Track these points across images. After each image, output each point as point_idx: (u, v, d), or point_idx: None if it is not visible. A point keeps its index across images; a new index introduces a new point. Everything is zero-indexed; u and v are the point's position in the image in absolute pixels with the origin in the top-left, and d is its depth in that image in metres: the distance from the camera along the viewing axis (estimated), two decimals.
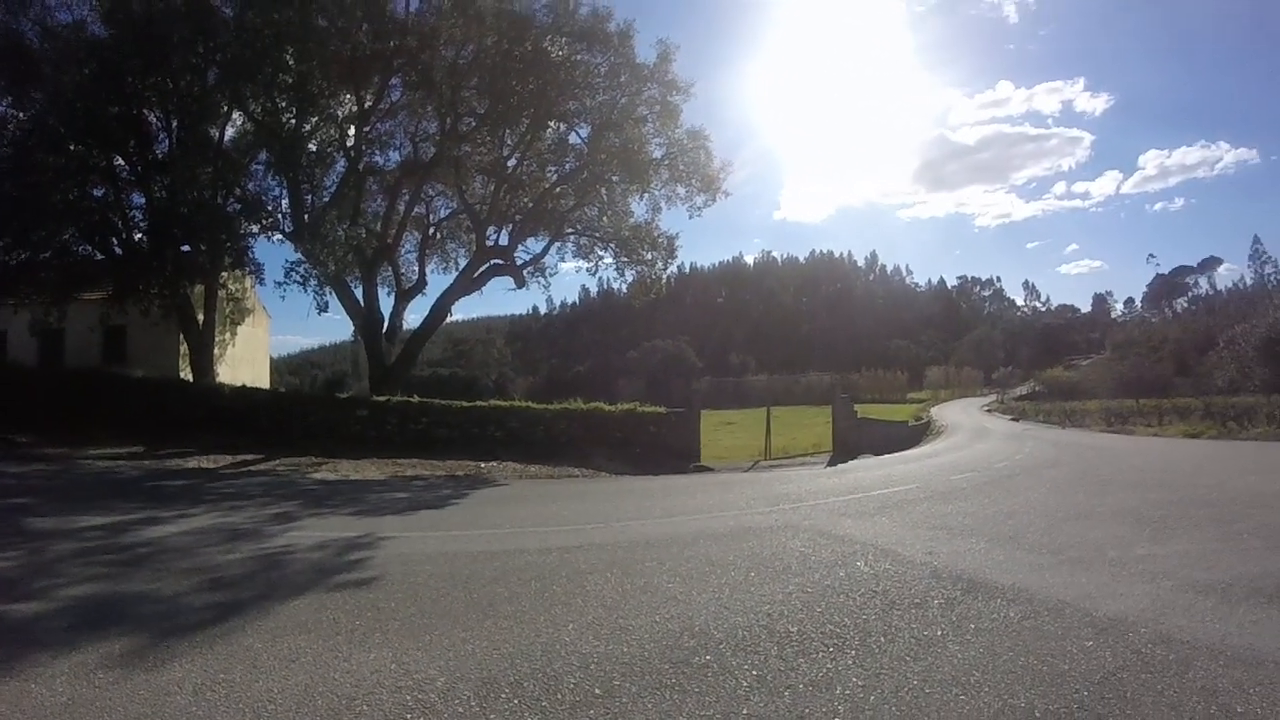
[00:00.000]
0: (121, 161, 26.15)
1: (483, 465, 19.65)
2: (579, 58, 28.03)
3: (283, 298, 25.76)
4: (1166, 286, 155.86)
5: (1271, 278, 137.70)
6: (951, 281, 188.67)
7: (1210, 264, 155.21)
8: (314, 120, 26.19)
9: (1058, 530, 8.92)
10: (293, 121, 25.55)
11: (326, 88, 25.31)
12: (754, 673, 4.28)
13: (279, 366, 69.25)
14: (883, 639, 4.92)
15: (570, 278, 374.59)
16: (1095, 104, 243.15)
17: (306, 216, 25.70)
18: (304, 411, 24.15)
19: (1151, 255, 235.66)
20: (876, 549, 7.86)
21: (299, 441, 21.23)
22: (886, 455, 25.46)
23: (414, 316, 33.29)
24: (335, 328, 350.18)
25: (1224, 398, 43.32)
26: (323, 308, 26.40)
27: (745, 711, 3.75)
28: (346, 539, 8.58)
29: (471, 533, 9.41)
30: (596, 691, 3.98)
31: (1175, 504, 10.83)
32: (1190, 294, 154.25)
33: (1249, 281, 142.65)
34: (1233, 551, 7.54)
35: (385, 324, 29.25)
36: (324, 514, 10.98)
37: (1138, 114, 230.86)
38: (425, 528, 9.93)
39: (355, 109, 27.38)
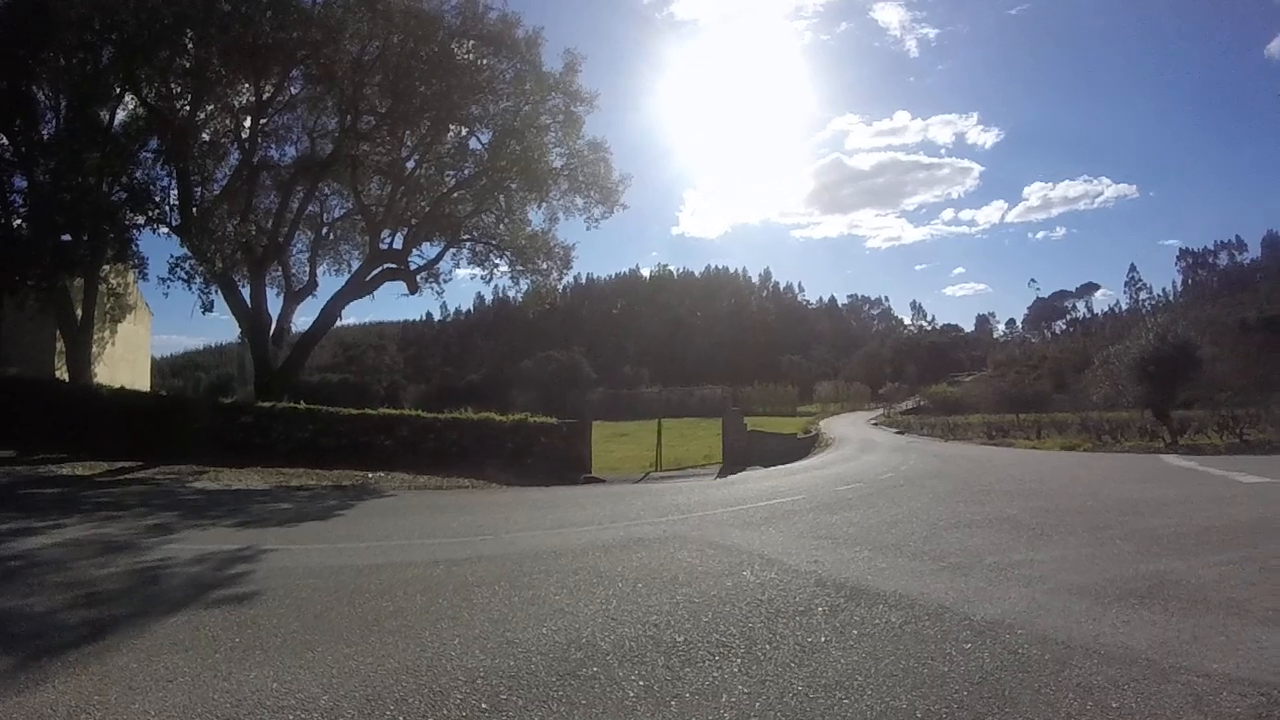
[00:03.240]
0: (6, 141, 24.68)
1: (370, 475, 19.23)
2: (485, 62, 27.93)
3: (166, 294, 25.04)
4: (1046, 309, 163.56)
5: (1146, 303, 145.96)
6: (842, 300, 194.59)
7: (1088, 289, 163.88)
8: (209, 109, 25.37)
9: (939, 538, 9.20)
10: (187, 109, 24.67)
11: (225, 75, 24.55)
12: (641, 683, 4.34)
13: (161, 367, 66.85)
14: (768, 647, 5.03)
15: (465, 285, 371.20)
16: (986, 137, 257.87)
17: (195, 210, 24.80)
18: (186, 416, 22.97)
19: (1033, 280, 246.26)
20: (763, 559, 7.99)
21: (180, 448, 20.32)
22: (776, 467, 25.84)
23: (303, 319, 32.61)
24: (221, 328, 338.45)
25: (1099, 413, 45.31)
26: (208, 307, 25.64)
27: None
28: (227, 552, 8.33)
29: (357, 545, 9.24)
30: (483, 706, 3.99)
31: (1051, 512, 11.27)
32: (1068, 317, 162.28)
33: (1124, 306, 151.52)
34: (1106, 556, 7.90)
35: (273, 326, 28.32)
36: (204, 525, 10.61)
37: (1026, 148, 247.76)
38: (309, 540, 9.70)
39: (253, 100, 26.51)
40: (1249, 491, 13.86)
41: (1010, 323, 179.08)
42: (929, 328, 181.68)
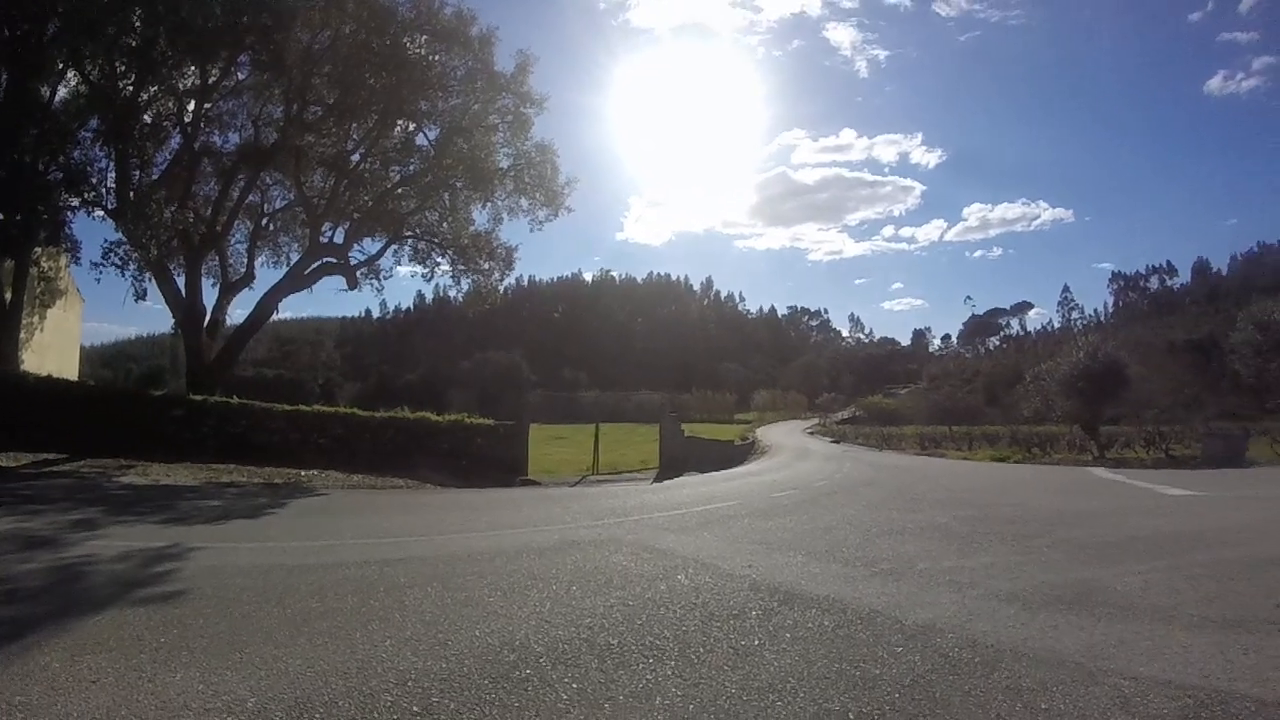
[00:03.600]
0: None
1: (303, 474, 18.98)
2: (437, 58, 27.55)
3: (99, 280, 24.14)
4: (981, 326, 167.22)
5: (1078, 322, 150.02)
6: (782, 310, 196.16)
7: (1022, 308, 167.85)
8: (153, 90, 24.54)
9: (872, 544, 9.31)
10: (130, 89, 23.82)
11: (171, 57, 23.67)
12: (574, 685, 4.33)
13: (90, 356, 65.02)
14: (701, 650, 5.05)
15: (405, 282, 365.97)
16: (929, 158, 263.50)
17: (132, 194, 23.88)
18: (115, 408, 22.21)
19: (969, 297, 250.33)
20: (698, 563, 8.04)
21: (108, 441, 19.78)
22: (712, 473, 25.97)
23: (239, 312, 31.83)
24: (154, 318, 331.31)
25: (1029, 426, 46.29)
26: (141, 295, 24.95)
27: None
28: (153, 549, 8.16)
29: (288, 544, 9.12)
30: (414, 709, 3.94)
31: (981, 521, 11.49)
32: (1002, 334, 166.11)
33: (1057, 325, 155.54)
34: (1034, 564, 8.08)
35: (207, 317, 27.52)
36: (130, 521, 10.41)
37: (967, 170, 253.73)
38: (238, 539, 9.54)
39: (198, 83, 25.64)
40: (1174, 504, 14.31)
41: (946, 338, 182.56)
42: (866, 340, 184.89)
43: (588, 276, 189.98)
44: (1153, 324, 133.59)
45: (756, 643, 5.24)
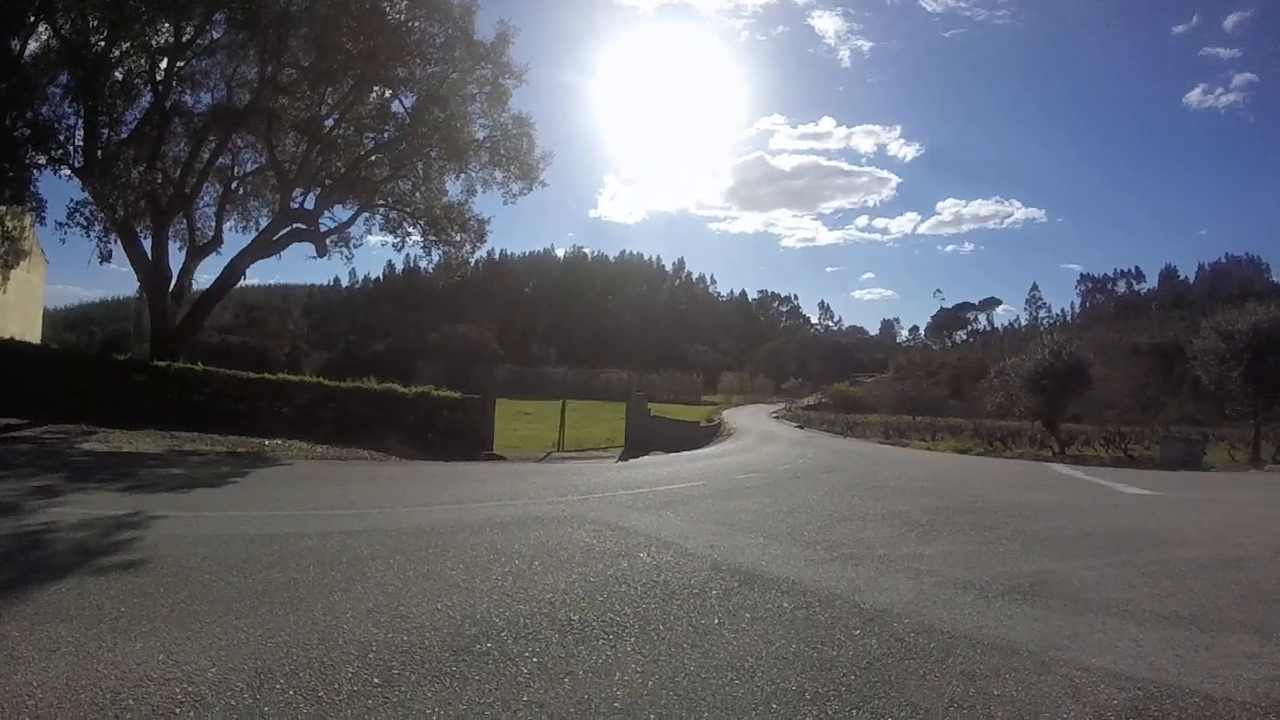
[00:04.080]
0: None
1: (267, 443, 18.80)
2: (416, 24, 27.13)
3: (64, 241, 23.68)
4: (949, 319, 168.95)
5: (1044, 321, 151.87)
6: (753, 295, 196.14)
7: (990, 304, 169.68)
8: (125, 46, 23.82)
9: (832, 529, 9.44)
10: (102, 44, 23.18)
11: (145, 12, 23.05)
12: (535, 660, 4.37)
13: (54, 319, 63.83)
14: (661, 627, 5.12)
15: (375, 252, 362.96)
16: (907, 151, 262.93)
17: (100, 153, 23.34)
18: (78, 373, 21.77)
19: (938, 290, 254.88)
20: (660, 541, 8.12)
21: (69, 406, 19.32)
22: (677, 453, 26.13)
23: (205, 277, 31.38)
24: (120, 281, 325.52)
25: (992, 420, 46.96)
26: (106, 257, 24.51)
27: (525, 698, 3.82)
28: (114, 517, 8.05)
29: (249, 514, 9.06)
30: (375, 681, 3.95)
31: (941, 510, 11.65)
32: (970, 328, 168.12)
33: (1024, 322, 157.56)
34: (991, 554, 8.21)
35: (173, 281, 26.90)
36: (91, 489, 10.27)
37: (943, 165, 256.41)
38: (200, 507, 9.44)
39: (172, 40, 24.88)
40: (1130, 502, 14.59)
41: (914, 329, 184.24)
42: (835, 328, 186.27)
43: (560, 253, 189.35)
44: (1118, 327, 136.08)
45: (716, 622, 5.31)
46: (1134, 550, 8.72)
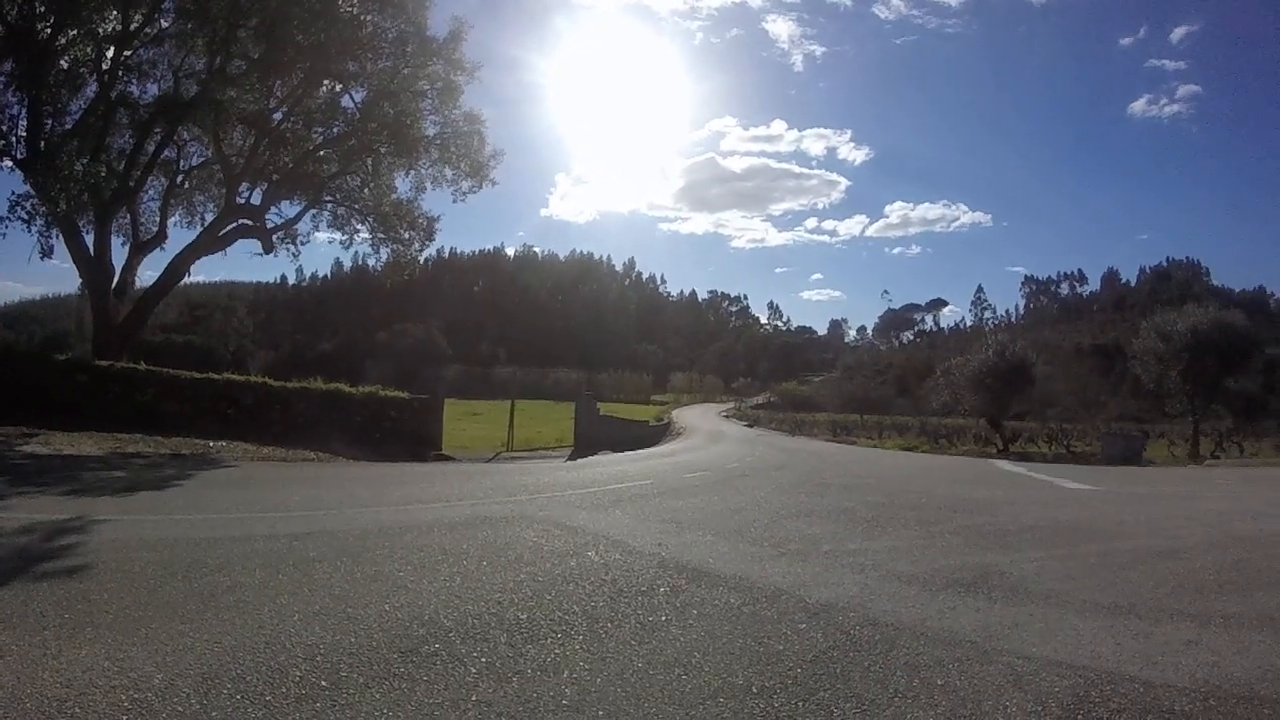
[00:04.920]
0: None
1: (212, 445, 18.48)
2: (369, 18, 26.78)
3: (3, 235, 22.91)
4: (896, 320, 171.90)
5: (989, 321, 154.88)
6: (703, 295, 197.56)
7: (937, 305, 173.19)
8: (72, 34, 23.22)
9: (779, 526, 9.53)
10: (49, 31, 22.57)
11: (93, 0, 22.61)
12: (483, 660, 4.36)
13: None
14: (610, 625, 5.15)
15: (323, 249, 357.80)
16: (856, 155, 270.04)
17: (43, 144, 22.69)
18: (17, 373, 20.86)
19: (886, 291, 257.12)
20: (608, 540, 8.15)
21: (8, 408, 18.60)
22: (627, 452, 26.25)
23: (150, 273, 30.76)
24: (62, 278, 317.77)
25: (938, 418, 47.74)
26: (47, 252, 23.81)
27: (474, 698, 3.81)
28: (56, 522, 7.87)
29: (195, 517, 8.86)
30: (323, 683, 3.92)
31: (887, 506, 11.79)
32: (916, 328, 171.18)
33: (969, 323, 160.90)
34: (935, 548, 8.34)
35: (116, 278, 26.26)
36: (31, 493, 9.99)
37: (892, 169, 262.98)
38: (144, 511, 9.25)
39: (119, 29, 24.22)
40: (1072, 496, 14.89)
41: (861, 329, 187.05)
42: (784, 328, 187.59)
43: (510, 251, 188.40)
44: (1061, 327, 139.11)
45: (664, 619, 5.35)
46: (1074, 543, 8.89)
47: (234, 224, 28.77)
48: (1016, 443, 36.34)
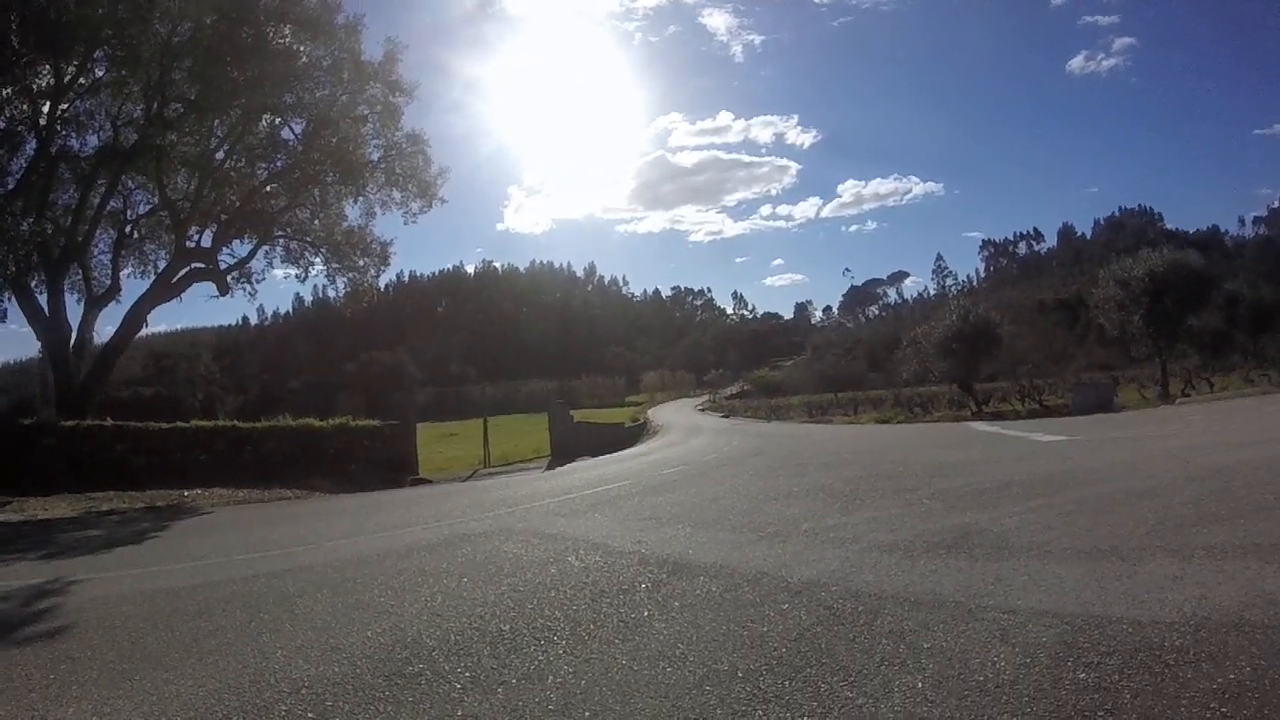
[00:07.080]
0: None
1: (186, 494, 18.24)
2: (302, 48, 26.79)
3: None
4: (860, 296, 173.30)
5: (952, 288, 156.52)
6: (666, 292, 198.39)
7: (898, 277, 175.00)
8: (6, 92, 22.97)
9: (758, 510, 9.53)
10: None
11: (24, 54, 22.26)
12: (467, 674, 4.35)
13: None
14: (592, 626, 5.13)
15: (282, 285, 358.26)
16: (805, 138, 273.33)
17: None
18: None
19: (847, 269, 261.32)
20: (588, 543, 8.15)
21: None
22: (604, 456, 26.22)
23: (108, 328, 30.37)
24: (22, 342, 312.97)
25: (910, 388, 48.09)
26: (1, 316, 23.69)
27: (460, 713, 3.80)
28: (34, 586, 7.81)
29: (173, 567, 8.81)
30: (309, 716, 3.90)
31: (864, 479, 11.78)
32: (881, 302, 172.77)
33: (933, 292, 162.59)
34: (914, 515, 8.33)
35: (74, 336, 26.08)
36: (7, 560, 9.87)
37: (841, 149, 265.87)
38: (122, 566, 9.17)
39: (53, 82, 24.05)
40: (1046, 449, 15.02)
41: (827, 309, 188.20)
42: (750, 316, 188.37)
43: (469, 268, 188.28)
44: (1022, 286, 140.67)
45: (646, 614, 5.35)
46: (1052, 494, 8.91)
47: (186, 268, 28.51)
48: (990, 403, 36.59)
